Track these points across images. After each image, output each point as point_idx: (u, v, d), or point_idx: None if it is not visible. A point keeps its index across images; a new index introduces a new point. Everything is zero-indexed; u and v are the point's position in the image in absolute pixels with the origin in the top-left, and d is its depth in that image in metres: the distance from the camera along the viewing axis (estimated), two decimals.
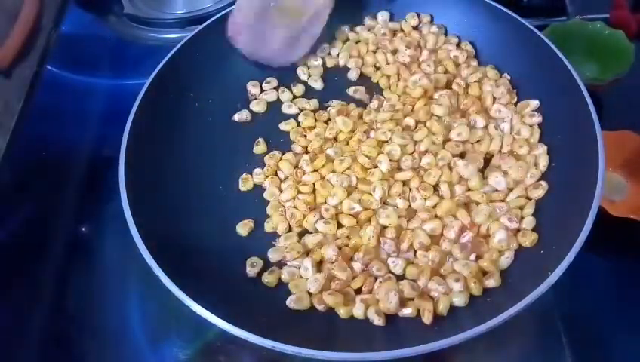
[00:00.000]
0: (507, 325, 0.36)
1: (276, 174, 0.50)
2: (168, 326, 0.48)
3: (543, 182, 0.46)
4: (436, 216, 0.45)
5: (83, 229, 0.56)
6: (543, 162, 0.47)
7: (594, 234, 0.38)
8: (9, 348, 0.48)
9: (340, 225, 0.46)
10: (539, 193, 0.45)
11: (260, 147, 0.52)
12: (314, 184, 0.48)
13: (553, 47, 0.49)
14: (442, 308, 0.40)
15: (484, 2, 0.54)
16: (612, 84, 0.57)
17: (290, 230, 0.47)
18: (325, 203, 0.47)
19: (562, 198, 0.45)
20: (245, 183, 0.50)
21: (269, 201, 0.49)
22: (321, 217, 0.46)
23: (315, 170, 0.49)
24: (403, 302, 0.41)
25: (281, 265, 0.45)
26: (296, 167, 0.50)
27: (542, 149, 0.48)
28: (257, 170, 0.51)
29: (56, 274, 0.51)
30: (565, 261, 0.37)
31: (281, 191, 0.49)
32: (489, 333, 0.36)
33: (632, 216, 0.48)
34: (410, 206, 0.46)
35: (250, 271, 0.44)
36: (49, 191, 0.57)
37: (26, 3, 0.67)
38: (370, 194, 0.46)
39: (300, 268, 0.44)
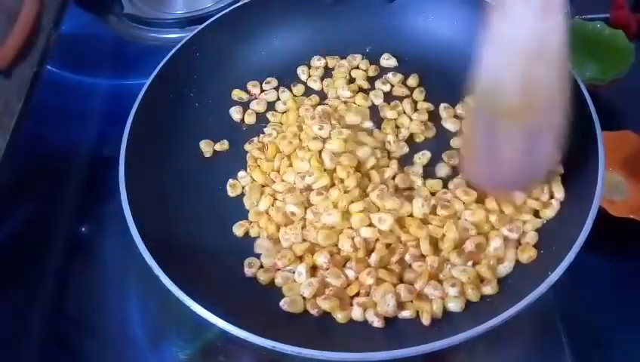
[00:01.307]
0: (507, 325, 0.36)
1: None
2: (168, 326, 0.48)
3: (553, 201, 0.44)
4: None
5: (83, 229, 0.56)
6: (558, 191, 0.45)
7: (594, 234, 0.38)
8: (9, 348, 0.48)
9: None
10: (550, 213, 0.44)
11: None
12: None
13: None
14: (436, 308, 0.40)
15: (483, 2, 0.54)
16: (612, 84, 0.56)
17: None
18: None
19: (562, 198, 0.45)
20: (234, 189, 0.49)
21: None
22: (305, 226, 0.45)
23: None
24: (401, 304, 0.41)
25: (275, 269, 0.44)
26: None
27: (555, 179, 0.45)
28: (241, 173, 0.51)
29: (56, 274, 0.51)
30: (565, 261, 0.37)
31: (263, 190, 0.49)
32: (489, 333, 0.36)
33: (632, 216, 0.48)
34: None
35: (249, 271, 0.44)
36: (49, 191, 0.57)
37: (26, 3, 0.67)
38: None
39: (294, 272, 0.44)
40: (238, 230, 0.47)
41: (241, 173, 0.51)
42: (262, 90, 0.57)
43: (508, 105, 0.39)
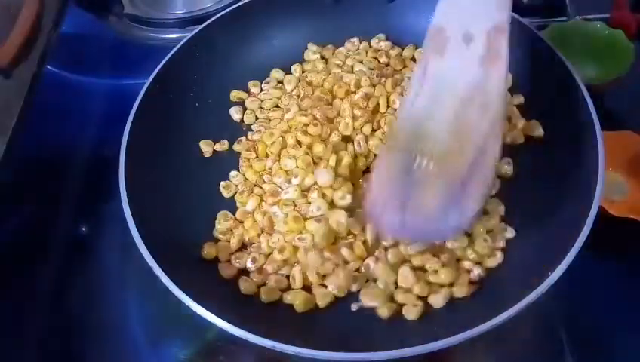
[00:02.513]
0: (507, 325, 0.36)
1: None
2: (168, 326, 0.48)
3: (497, 253, 0.44)
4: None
5: (83, 229, 0.56)
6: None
7: (594, 234, 0.38)
8: (9, 348, 0.48)
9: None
10: (491, 263, 0.43)
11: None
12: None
13: (553, 47, 0.49)
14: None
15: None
16: (612, 84, 0.57)
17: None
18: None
19: (562, 198, 0.44)
20: (228, 189, 0.49)
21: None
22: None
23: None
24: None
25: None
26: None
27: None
28: (233, 173, 0.51)
29: (56, 274, 0.51)
30: (565, 261, 0.37)
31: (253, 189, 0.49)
32: (489, 333, 0.35)
33: (632, 216, 0.48)
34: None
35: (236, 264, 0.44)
36: (49, 191, 0.57)
37: (26, 3, 0.67)
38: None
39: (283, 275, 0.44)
40: (221, 225, 0.47)
41: (232, 173, 0.51)
42: (262, 90, 0.57)
43: (435, 149, 0.37)
